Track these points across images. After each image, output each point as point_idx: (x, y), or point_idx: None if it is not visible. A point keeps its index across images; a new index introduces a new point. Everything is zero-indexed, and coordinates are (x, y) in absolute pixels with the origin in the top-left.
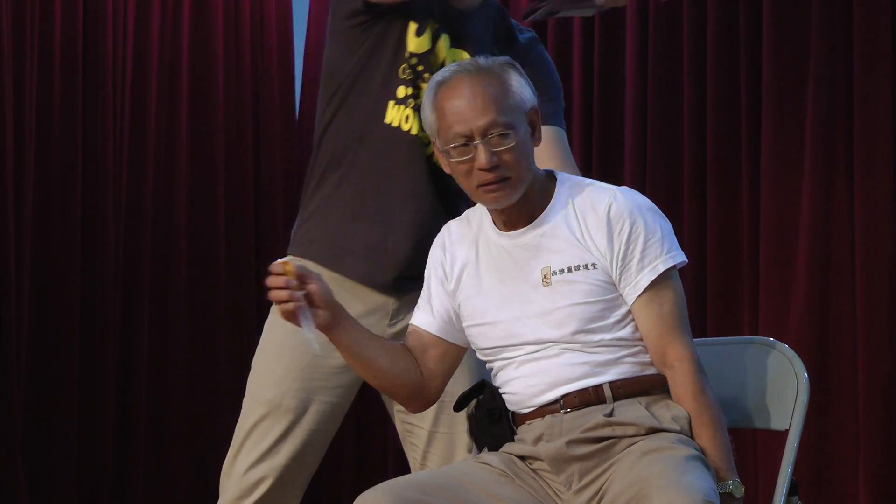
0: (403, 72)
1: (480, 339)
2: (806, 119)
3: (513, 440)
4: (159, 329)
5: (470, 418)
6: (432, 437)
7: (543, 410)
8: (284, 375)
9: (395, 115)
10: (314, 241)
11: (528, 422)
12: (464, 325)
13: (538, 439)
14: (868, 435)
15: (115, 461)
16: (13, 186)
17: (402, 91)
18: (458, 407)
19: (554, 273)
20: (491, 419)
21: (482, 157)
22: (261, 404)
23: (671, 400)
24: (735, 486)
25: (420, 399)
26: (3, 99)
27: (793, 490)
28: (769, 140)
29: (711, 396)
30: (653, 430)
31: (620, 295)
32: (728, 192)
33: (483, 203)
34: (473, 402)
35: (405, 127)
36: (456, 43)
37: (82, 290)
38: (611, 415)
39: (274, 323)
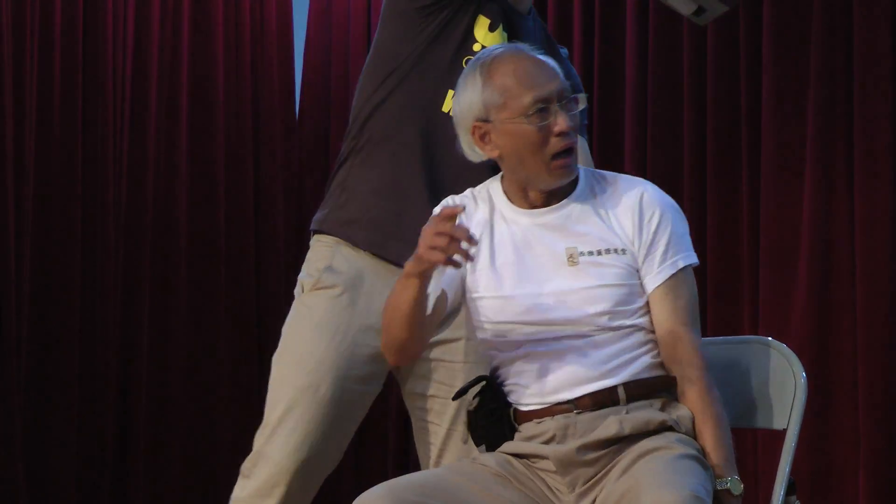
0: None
1: (492, 312)
2: (806, 119)
3: (512, 438)
4: (159, 329)
5: (470, 414)
6: (450, 434)
7: (554, 409)
8: (321, 362)
9: None
10: (355, 225)
11: (535, 420)
12: (471, 296)
13: (551, 440)
14: (868, 435)
15: (115, 461)
16: (13, 186)
17: None
18: (457, 397)
19: (582, 254)
20: (491, 420)
21: (563, 120)
22: (295, 390)
23: (678, 402)
24: (734, 483)
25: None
26: (3, 99)
27: (791, 489)
28: (769, 140)
29: (717, 394)
30: (662, 426)
31: (640, 283)
32: (728, 192)
33: (550, 179)
34: (476, 400)
35: None
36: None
37: (82, 290)
38: (626, 415)
39: (305, 312)
